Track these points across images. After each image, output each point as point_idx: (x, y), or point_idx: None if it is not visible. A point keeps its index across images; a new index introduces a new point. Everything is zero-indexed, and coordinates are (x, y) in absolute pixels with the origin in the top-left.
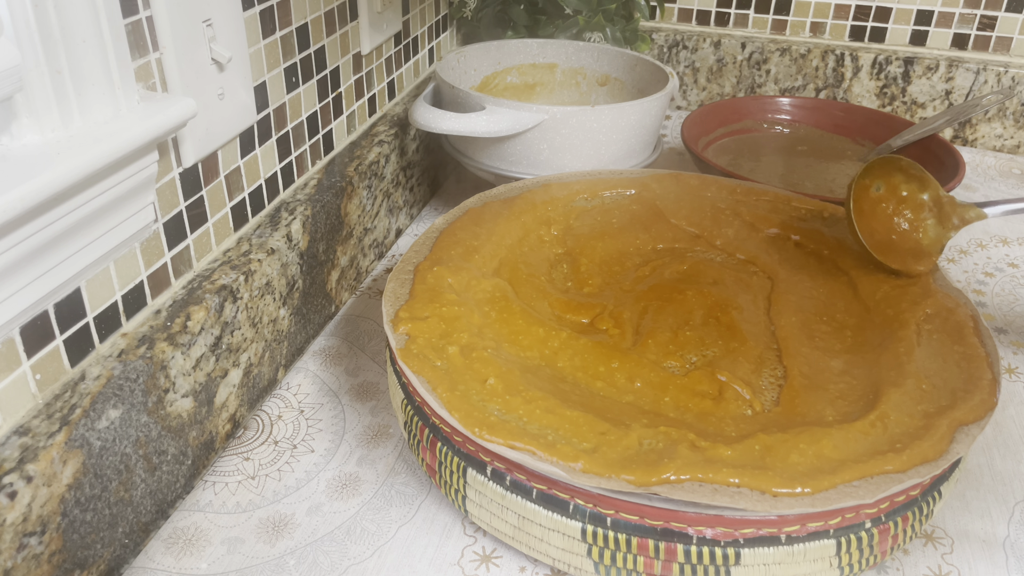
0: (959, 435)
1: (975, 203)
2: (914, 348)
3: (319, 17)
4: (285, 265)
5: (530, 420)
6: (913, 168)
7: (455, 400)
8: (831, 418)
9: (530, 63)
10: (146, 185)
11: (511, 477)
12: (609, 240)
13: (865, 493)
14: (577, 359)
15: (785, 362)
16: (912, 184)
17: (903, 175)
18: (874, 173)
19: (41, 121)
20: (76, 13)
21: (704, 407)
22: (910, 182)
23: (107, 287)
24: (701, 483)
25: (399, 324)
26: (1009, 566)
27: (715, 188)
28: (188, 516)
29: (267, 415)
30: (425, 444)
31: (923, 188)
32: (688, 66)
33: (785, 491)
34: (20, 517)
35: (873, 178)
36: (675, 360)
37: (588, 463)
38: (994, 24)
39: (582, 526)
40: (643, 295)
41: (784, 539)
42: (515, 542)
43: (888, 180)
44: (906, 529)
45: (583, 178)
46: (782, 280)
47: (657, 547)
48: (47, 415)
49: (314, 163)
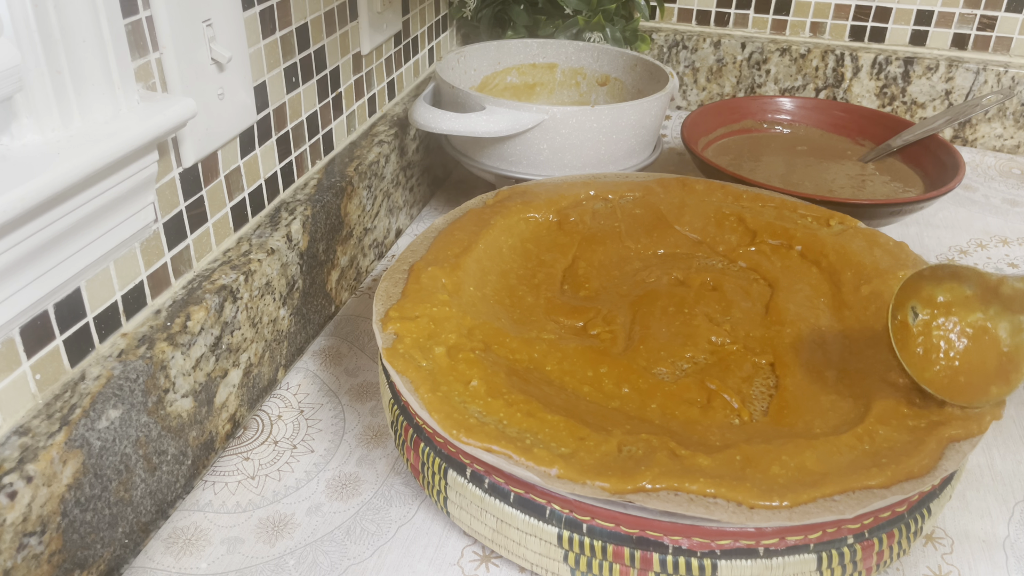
0: (949, 451)
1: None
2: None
3: (319, 17)
4: (285, 265)
5: (510, 423)
6: (939, 269)
7: (436, 401)
8: (819, 430)
9: (530, 63)
10: (146, 185)
11: (489, 480)
12: (609, 244)
13: (845, 508)
14: (566, 363)
15: (778, 372)
16: (947, 285)
17: (931, 283)
18: (902, 303)
19: (41, 121)
20: (76, 13)
21: (691, 415)
22: (943, 284)
23: (107, 287)
24: (677, 492)
25: (388, 323)
26: (1009, 566)
27: (720, 194)
28: (188, 516)
29: (267, 415)
30: (409, 444)
31: (961, 282)
32: (688, 66)
33: (762, 503)
34: (20, 517)
35: (904, 308)
36: (666, 367)
37: (564, 468)
38: (994, 24)
39: (558, 531)
40: (639, 300)
41: (762, 552)
42: (495, 545)
43: (919, 298)
44: (892, 546)
45: (586, 180)
46: (782, 289)
47: (633, 555)
48: (47, 415)
49: (314, 163)
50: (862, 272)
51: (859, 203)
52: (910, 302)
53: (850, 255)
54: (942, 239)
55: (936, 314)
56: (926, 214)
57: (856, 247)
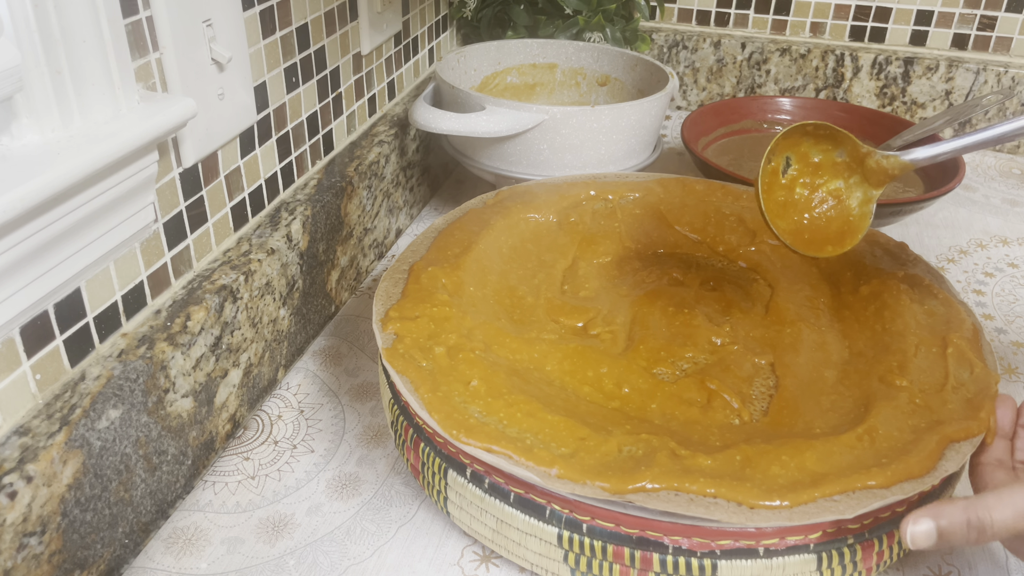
0: (949, 452)
1: (896, 151)
2: (910, 361)
3: (319, 17)
4: (285, 265)
5: (510, 423)
6: (822, 128)
7: (436, 401)
8: (819, 430)
9: (530, 63)
10: (146, 185)
11: (490, 480)
12: (610, 244)
13: (845, 508)
14: (566, 363)
15: (778, 372)
16: (823, 146)
17: (811, 140)
18: (779, 150)
19: (41, 121)
20: (76, 13)
21: (691, 415)
22: (820, 144)
23: (107, 287)
24: (677, 492)
25: (388, 323)
26: (1009, 566)
27: (721, 194)
28: (188, 516)
29: (267, 415)
30: (409, 444)
31: (836, 146)
32: (688, 66)
33: (762, 503)
34: (20, 517)
35: (780, 156)
36: (666, 367)
37: (564, 468)
38: (994, 24)
39: (558, 531)
40: (639, 300)
41: (762, 552)
42: (494, 545)
43: (797, 151)
44: (892, 546)
45: (586, 180)
46: (782, 289)
47: (633, 555)
48: (47, 415)
49: (314, 163)
50: (862, 272)
51: None
52: (787, 152)
53: (850, 255)
54: (942, 239)
55: (805, 171)
56: (926, 214)
57: (856, 247)
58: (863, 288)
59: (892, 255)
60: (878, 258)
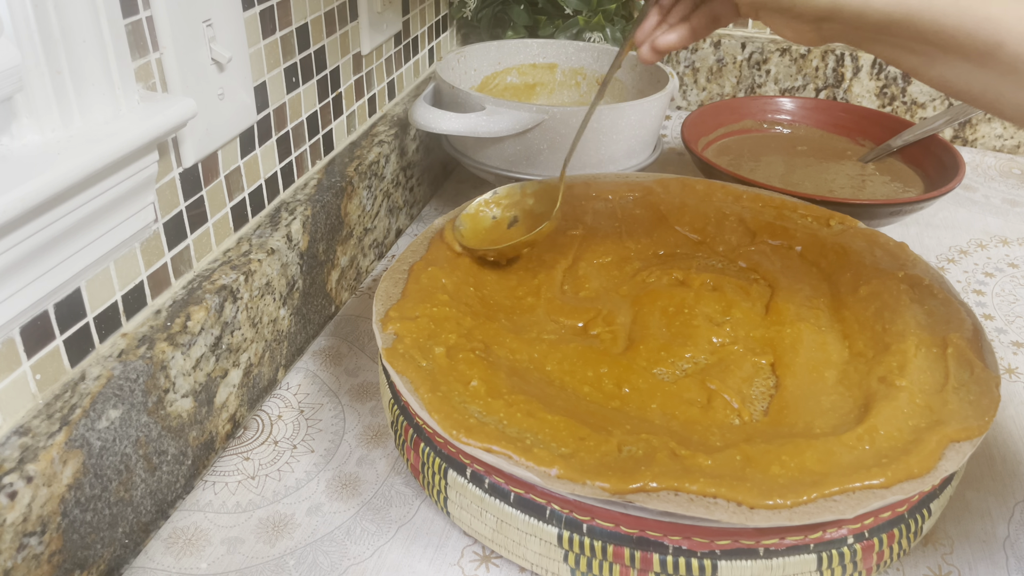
0: (949, 452)
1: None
2: (910, 361)
3: (319, 17)
4: (285, 265)
5: (510, 423)
6: (539, 184)
7: (436, 401)
8: (819, 430)
9: (530, 63)
10: (146, 185)
11: (490, 480)
12: (610, 244)
13: (845, 508)
14: (566, 363)
15: (778, 372)
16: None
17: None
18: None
19: (41, 121)
20: (76, 13)
21: (691, 415)
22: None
23: (107, 287)
24: (677, 492)
25: (388, 323)
26: (1009, 566)
27: (721, 194)
28: (188, 516)
29: (267, 415)
30: (409, 444)
31: (544, 191)
32: (688, 66)
33: (762, 503)
34: (20, 517)
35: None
36: (666, 367)
37: (564, 468)
38: None
39: (558, 531)
40: (639, 300)
41: (762, 552)
42: (495, 545)
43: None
44: (892, 546)
45: (586, 180)
46: (782, 289)
47: (633, 555)
48: (47, 415)
49: (314, 163)
50: (862, 272)
51: (859, 203)
52: (514, 211)
53: (850, 255)
54: (942, 239)
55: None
56: (926, 214)
57: (856, 247)
58: (863, 288)
59: (892, 255)
60: (878, 258)
